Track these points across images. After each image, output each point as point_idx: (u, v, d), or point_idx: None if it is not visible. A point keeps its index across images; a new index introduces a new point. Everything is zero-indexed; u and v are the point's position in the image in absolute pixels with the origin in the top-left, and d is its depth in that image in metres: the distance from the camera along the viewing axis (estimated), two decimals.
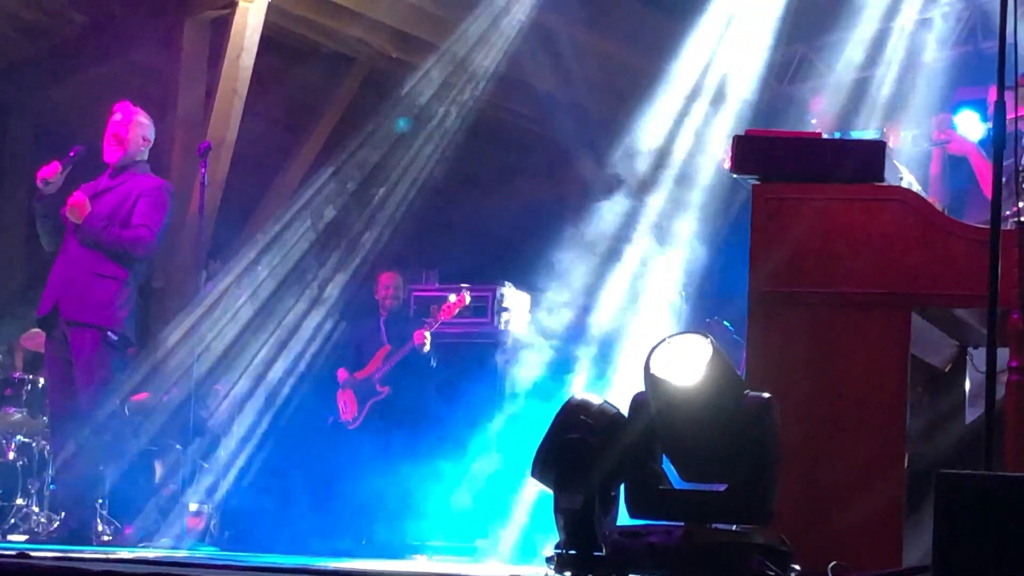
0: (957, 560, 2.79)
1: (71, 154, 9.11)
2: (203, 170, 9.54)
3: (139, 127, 9.21)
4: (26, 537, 9.56)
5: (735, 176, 5.86)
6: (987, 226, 4.81)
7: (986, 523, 2.75)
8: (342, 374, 12.06)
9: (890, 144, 9.34)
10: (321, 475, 11.84)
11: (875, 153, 5.58)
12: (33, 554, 5.89)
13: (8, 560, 5.44)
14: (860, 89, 11.80)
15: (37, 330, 10.66)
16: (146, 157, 9.26)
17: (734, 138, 5.72)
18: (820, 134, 6.40)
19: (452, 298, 11.73)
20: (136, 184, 9.03)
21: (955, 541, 2.77)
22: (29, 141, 15.05)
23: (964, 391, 6.25)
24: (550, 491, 4.80)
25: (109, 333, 8.73)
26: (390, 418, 11.61)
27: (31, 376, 10.64)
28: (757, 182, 5.63)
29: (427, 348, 11.62)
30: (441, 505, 11.20)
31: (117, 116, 9.23)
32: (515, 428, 11.10)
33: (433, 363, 11.70)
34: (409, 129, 13.65)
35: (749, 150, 5.67)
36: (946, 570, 2.81)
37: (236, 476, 11.65)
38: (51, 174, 8.91)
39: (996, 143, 4.82)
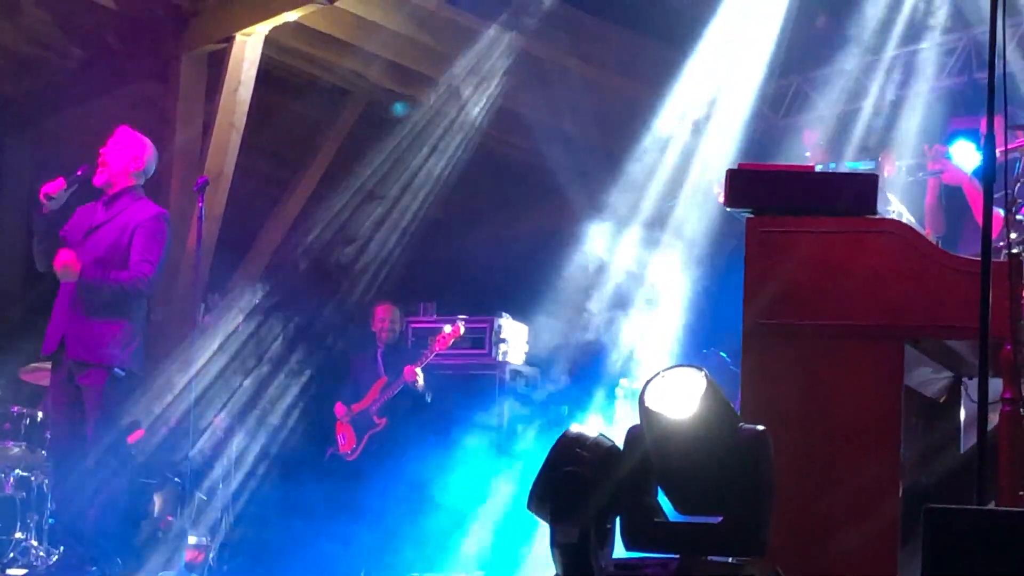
0: None
1: (78, 172, 8.95)
2: (200, 203, 9.56)
3: (127, 150, 9.02)
4: (24, 571, 9.57)
5: (729, 209, 5.90)
6: (979, 258, 4.85)
7: (975, 558, 2.77)
8: (340, 408, 12.06)
9: (885, 173, 9.42)
10: (320, 508, 11.84)
11: (867, 186, 5.62)
12: None
13: None
14: (854, 120, 11.84)
15: (37, 364, 10.69)
16: (140, 183, 9.05)
17: (727, 172, 5.75)
18: (813, 167, 6.44)
19: (447, 329, 11.75)
20: (131, 215, 8.81)
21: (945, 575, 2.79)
22: (27, 174, 15.08)
23: (958, 421, 6.27)
24: (546, 524, 4.82)
25: (116, 370, 8.61)
26: (388, 450, 11.60)
27: (29, 410, 10.65)
28: (751, 215, 5.66)
29: (420, 385, 11.62)
30: (440, 537, 11.20)
31: (115, 139, 9.13)
32: (512, 460, 11.12)
33: (428, 399, 11.70)
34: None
35: (742, 183, 5.70)
36: None
37: (235, 510, 11.67)
38: (55, 190, 8.73)
39: (986, 175, 4.87)
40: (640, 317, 11.62)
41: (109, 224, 8.83)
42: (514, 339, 12.12)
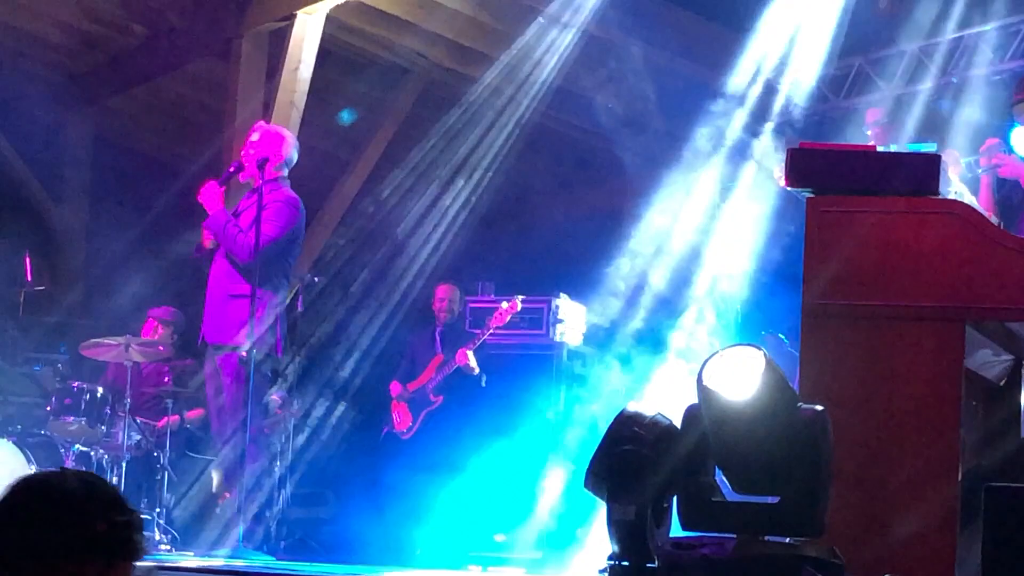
0: (1006, 573, 2.79)
1: (230, 169, 9.46)
2: (261, 181, 9.60)
3: (266, 147, 9.41)
4: None
5: (789, 189, 5.87)
6: None
7: None
8: (395, 387, 12.09)
9: (949, 171, 9.36)
10: (376, 485, 11.88)
11: (929, 166, 5.57)
12: None
13: None
14: (915, 102, 11.75)
15: (97, 340, 10.78)
16: (284, 173, 9.44)
17: (788, 151, 5.73)
18: (874, 147, 6.40)
19: (504, 305, 11.76)
20: (266, 198, 9.22)
21: (1004, 554, 2.77)
22: (89, 150, 15.19)
23: (1019, 405, 6.21)
24: (603, 502, 4.82)
25: (244, 352, 8.95)
26: (444, 428, 11.62)
27: (90, 385, 10.72)
28: (811, 195, 5.63)
29: (474, 368, 11.65)
30: (496, 517, 11.21)
31: (253, 136, 9.51)
32: (570, 439, 11.12)
33: (483, 382, 11.70)
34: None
35: (803, 163, 5.67)
36: None
37: (291, 487, 11.71)
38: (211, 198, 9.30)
39: None
40: (699, 299, 11.58)
41: (248, 210, 9.28)
42: (572, 319, 12.09)
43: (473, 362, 11.65)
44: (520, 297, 11.86)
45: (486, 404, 11.64)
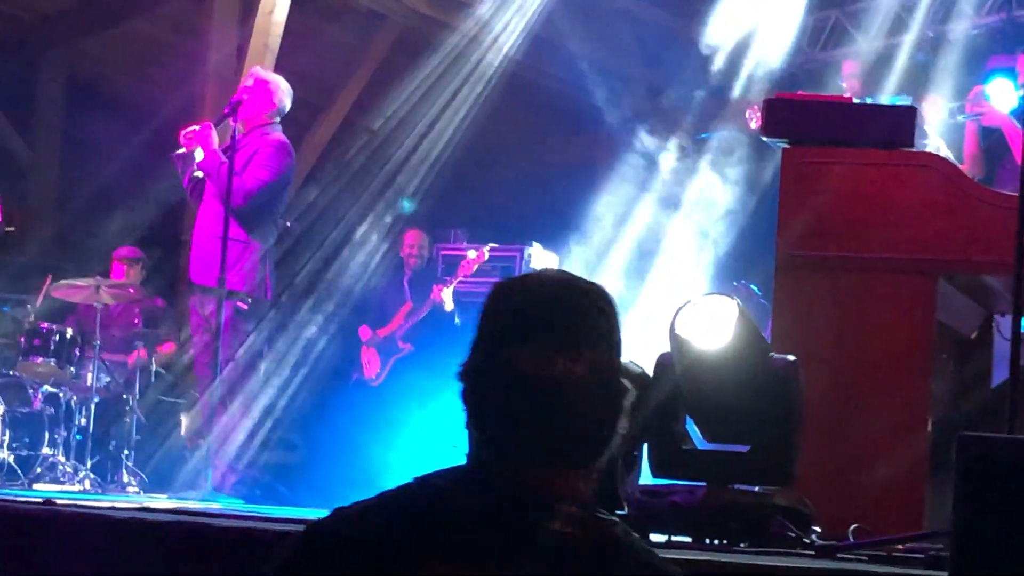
0: (978, 524, 2.79)
1: (224, 112, 9.36)
2: (234, 124, 9.54)
3: (260, 95, 9.33)
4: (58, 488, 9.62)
5: (765, 139, 5.86)
6: (1016, 194, 4.80)
7: (1009, 487, 2.74)
8: (365, 331, 12.09)
9: (931, 113, 9.34)
10: (344, 432, 11.88)
11: (905, 118, 5.58)
12: (59, 502, 5.93)
13: (34, 507, 5.48)
14: (893, 55, 11.73)
15: (67, 281, 10.73)
16: (277, 120, 9.37)
17: (764, 101, 5.74)
18: (851, 99, 6.40)
19: (471, 254, 11.75)
20: (257, 143, 9.19)
21: (976, 505, 2.77)
22: (61, 92, 15.08)
23: (990, 358, 6.24)
24: None
25: (237, 300, 9.01)
26: (413, 375, 11.61)
27: (59, 326, 10.67)
28: (787, 145, 5.62)
29: (449, 306, 11.64)
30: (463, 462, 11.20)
31: (248, 82, 9.46)
32: None
33: (457, 321, 11.71)
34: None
35: (779, 113, 5.67)
36: (967, 534, 2.80)
37: (262, 432, 11.69)
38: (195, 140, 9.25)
39: None
40: (671, 249, 11.57)
41: (238, 153, 9.15)
42: (544, 268, 12.07)
43: (449, 300, 11.65)
44: (489, 246, 11.84)
45: (455, 352, 11.51)
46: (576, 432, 2.68)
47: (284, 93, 9.46)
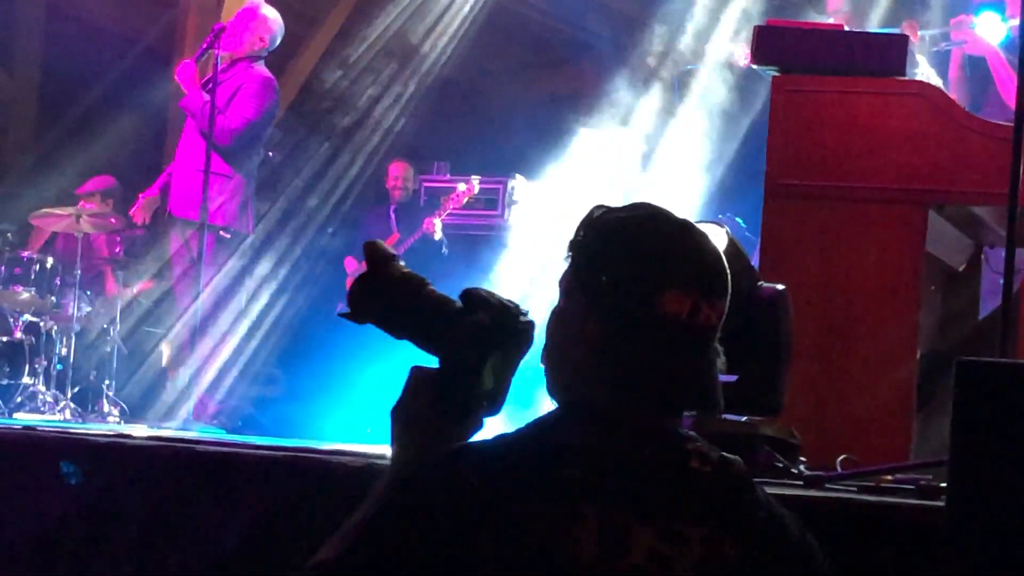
0: (976, 452, 2.76)
1: (204, 45, 9.24)
2: (217, 52, 9.45)
3: (251, 32, 9.37)
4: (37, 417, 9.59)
5: (755, 67, 5.80)
6: (1009, 123, 4.75)
7: (1007, 412, 2.70)
8: (350, 263, 12.04)
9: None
10: (328, 364, 11.84)
11: (897, 47, 5.52)
12: (40, 429, 5.89)
13: (14, 433, 5.45)
14: None
15: (47, 209, 10.66)
16: (263, 55, 9.41)
17: (755, 28, 5.67)
18: (842, 26, 6.34)
19: (461, 187, 11.71)
20: (241, 77, 9.18)
21: (974, 430, 2.73)
22: (40, 20, 14.94)
23: (978, 291, 6.22)
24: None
25: (220, 231, 9.05)
26: None
27: (39, 255, 10.61)
28: (777, 73, 5.57)
29: (438, 236, 11.60)
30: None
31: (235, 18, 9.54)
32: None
33: (444, 251, 11.67)
34: None
35: (770, 41, 5.61)
36: (964, 459, 2.77)
37: (241, 362, 11.65)
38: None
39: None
40: (658, 181, 11.51)
41: (221, 87, 9.10)
42: (528, 201, 12.03)
43: (439, 230, 11.62)
44: (477, 178, 11.80)
45: (439, 286, 11.55)
46: (708, 379, 2.83)
47: (277, 27, 9.38)
